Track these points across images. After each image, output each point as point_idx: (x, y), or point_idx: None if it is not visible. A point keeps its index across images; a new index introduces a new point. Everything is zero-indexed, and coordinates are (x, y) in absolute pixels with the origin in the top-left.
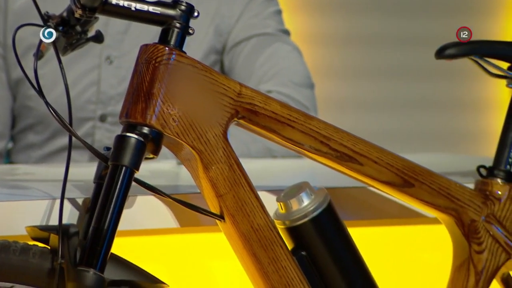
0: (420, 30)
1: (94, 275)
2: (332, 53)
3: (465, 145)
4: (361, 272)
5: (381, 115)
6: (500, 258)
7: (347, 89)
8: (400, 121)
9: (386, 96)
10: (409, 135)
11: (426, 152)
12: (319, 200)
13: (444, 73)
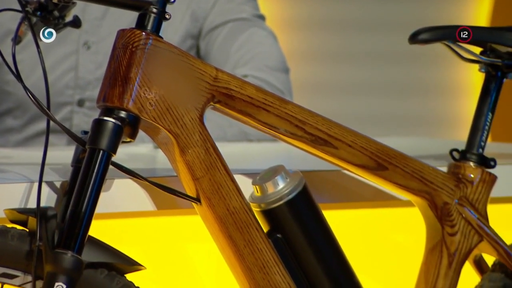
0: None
1: (72, 257)
2: (307, 38)
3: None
4: (336, 254)
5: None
6: (472, 240)
7: (322, 73)
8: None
9: (360, 81)
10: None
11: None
12: (294, 183)
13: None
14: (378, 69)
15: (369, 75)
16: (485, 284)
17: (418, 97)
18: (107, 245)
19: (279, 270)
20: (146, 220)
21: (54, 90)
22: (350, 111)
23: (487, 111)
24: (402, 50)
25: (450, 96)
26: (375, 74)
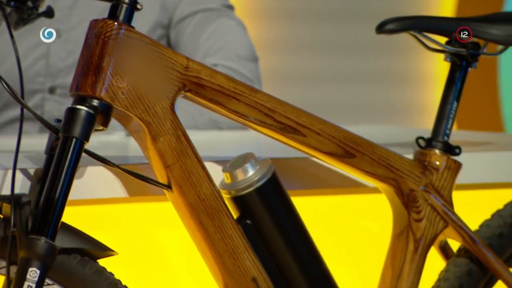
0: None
1: (46, 243)
2: (275, 27)
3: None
4: (304, 240)
5: (323, 88)
6: (438, 226)
7: (290, 62)
8: (341, 93)
9: (328, 70)
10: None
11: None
12: (264, 170)
13: (385, 47)
14: (346, 59)
15: (337, 64)
16: (450, 269)
17: (385, 86)
18: (80, 231)
19: (249, 255)
20: (118, 207)
21: (26, 78)
22: (318, 99)
23: (452, 99)
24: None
25: (416, 85)
26: (343, 63)
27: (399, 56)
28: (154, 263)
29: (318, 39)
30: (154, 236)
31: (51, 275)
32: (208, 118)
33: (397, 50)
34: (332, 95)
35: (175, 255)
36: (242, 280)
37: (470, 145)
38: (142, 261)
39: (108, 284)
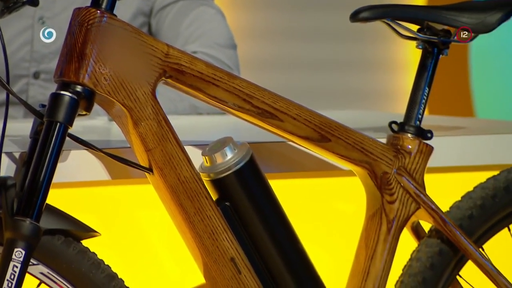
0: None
1: (31, 224)
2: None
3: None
4: (281, 221)
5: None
6: (410, 207)
7: (268, 50)
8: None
9: (304, 57)
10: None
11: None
12: (242, 154)
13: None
14: (321, 46)
15: (313, 51)
16: (422, 249)
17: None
18: (64, 212)
19: (227, 236)
20: (101, 189)
21: (11, 63)
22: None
23: (424, 85)
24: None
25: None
26: (318, 50)
27: (373, 44)
28: (135, 244)
29: (294, 27)
30: (136, 217)
31: (36, 255)
32: (188, 104)
33: (371, 37)
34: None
35: (156, 235)
36: (220, 260)
37: (442, 129)
38: (124, 241)
39: (91, 264)
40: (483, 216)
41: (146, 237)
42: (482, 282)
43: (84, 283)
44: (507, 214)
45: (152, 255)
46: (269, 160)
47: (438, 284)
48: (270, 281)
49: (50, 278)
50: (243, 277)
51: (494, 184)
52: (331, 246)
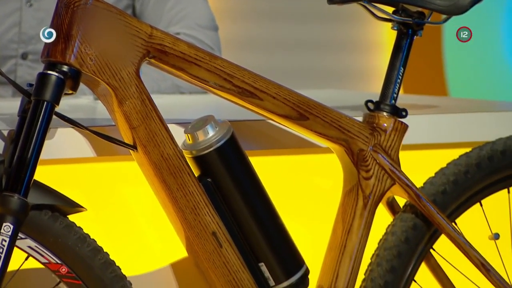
0: None
1: (18, 199)
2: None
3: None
4: (261, 196)
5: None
6: (385, 183)
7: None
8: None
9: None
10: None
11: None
12: (223, 131)
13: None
14: (299, 27)
15: (291, 32)
16: (397, 223)
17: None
18: (51, 188)
19: (209, 211)
20: (87, 166)
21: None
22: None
23: (399, 65)
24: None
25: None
26: (297, 31)
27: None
28: (120, 219)
29: (273, 9)
30: (120, 193)
31: (23, 229)
32: (171, 83)
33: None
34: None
35: (140, 211)
36: (202, 234)
37: (416, 108)
38: (109, 216)
39: (77, 238)
40: (455, 192)
41: (130, 212)
42: (455, 256)
43: (70, 256)
44: (479, 189)
45: (136, 230)
46: (249, 138)
47: (412, 258)
48: (250, 254)
49: (38, 252)
50: (224, 250)
51: (467, 161)
52: (309, 221)
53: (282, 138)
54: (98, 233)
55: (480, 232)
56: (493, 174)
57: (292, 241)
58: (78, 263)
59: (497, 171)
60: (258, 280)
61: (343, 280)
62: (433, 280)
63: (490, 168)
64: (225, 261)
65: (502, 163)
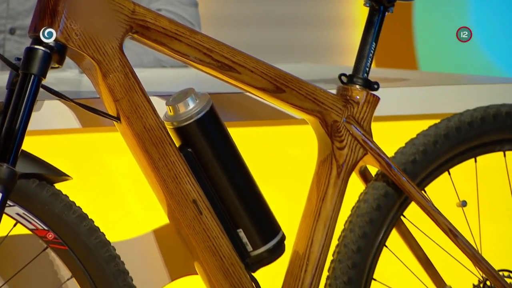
0: None
1: (7, 169)
2: None
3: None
4: (239, 166)
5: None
6: (358, 153)
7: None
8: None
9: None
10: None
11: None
12: (203, 104)
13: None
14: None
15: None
16: (369, 191)
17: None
18: (38, 158)
19: (189, 180)
20: (73, 136)
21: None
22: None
23: (371, 40)
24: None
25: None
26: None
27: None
28: (104, 187)
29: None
30: (105, 162)
31: (12, 197)
32: (153, 57)
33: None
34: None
35: (123, 179)
36: (183, 202)
37: (387, 81)
38: (94, 185)
39: (63, 206)
40: (425, 161)
41: (114, 181)
42: (424, 222)
43: (57, 223)
44: (447, 159)
45: (120, 197)
46: (228, 110)
47: (383, 224)
48: (229, 221)
49: (26, 219)
50: (204, 217)
51: (435, 132)
52: (285, 189)
53: (260, 110)
54: (83, 201)
55: (448, 199)
56: (461, 144)
57: (269, 209)
58: (64, 229)
59: (464, 141)
60: (237, 245)
61: (317, 245)
62: (403, 246)
63: (457, 138)
64: (205, 227)
65: (469, 134)
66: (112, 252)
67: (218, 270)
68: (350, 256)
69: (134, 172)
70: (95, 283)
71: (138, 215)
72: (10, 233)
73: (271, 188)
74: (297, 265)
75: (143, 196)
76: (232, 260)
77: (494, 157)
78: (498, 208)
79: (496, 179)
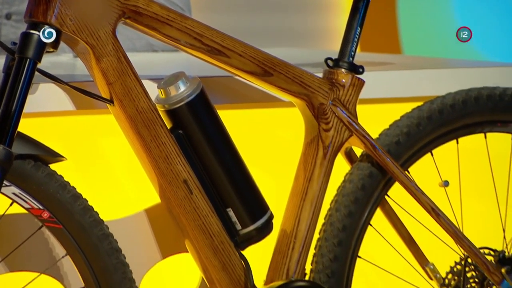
0: None
1: (4, 150)
2: None
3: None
4: (228, 147)
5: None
6: (344, 135)
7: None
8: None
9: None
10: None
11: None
12: (193, 87)
13: None
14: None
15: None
16: (354, 172)
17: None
18: (34, 139)
19: (180, 160)
20: (67, 119)
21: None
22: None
23: (356, 26)
24: None
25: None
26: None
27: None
28: (98, 168)
29: None
30: (98, 144)
31: (8, 177)
32: (145, 42)
33: None
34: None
35: (116, 160)
36: (174, 182)
37: (372, 65)
38: (88, 165)
39: (58, 185)
40: (408, 142)
41: (107, 162)
42: (408, 201)
43: (52, 202)
44: (430, 140)
45: (113, 178)
46: (217, 93)
47: (368, 203)
48: (218, 200)
49: (22, 198)
50: (194, 197)
51: (419, 114)
52: (272, 170)
53: (248, 93)
54: (78, 181)
55: (431, 180)
56: (443, 126)
57: (257, 188)
58: (59, 208)
59: (446, 123)
60: (226, 224)
61: (304, 224)
62: (387, 224)
63: (440, 120)
64: (195, 206)
65: (451, 116)
66: (105, 231)
67: (208, 248)
68: (336, 234)
69: (127, 153)
70: (89, 260)
71: (130, 195)
72: (6, 212)
73: (259, 168)
74: (285, 243)
75: (136, 176)
76: (221, 238)
77: (475, 138)
78: (479, 188)
79: (477, 160)
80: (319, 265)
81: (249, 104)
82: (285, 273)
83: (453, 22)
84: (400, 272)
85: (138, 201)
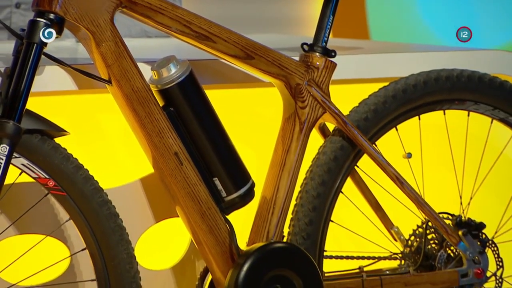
0: None
1: (13, 125)
2: None
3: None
4: (215, 122)
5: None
6: (318, 112)
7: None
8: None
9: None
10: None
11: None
12: (183, 69)
13: None
14: None
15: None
16: (327, 145)
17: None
18: (41, 116)
19: (171, 135)
20: (70, 97)
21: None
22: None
23: (329, 14)
24: None
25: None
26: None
27: None
28: (98, 141)
29: None
30: (98, 120)
31: (17, 150)
32: (139, 29)
33: None
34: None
35: (114, 135)
36: (166, 154)
37: (343, 49)
38: (89, 139)
39: (62, 157)
40: (375, 118)
41: (106, 136)
42: (375, 172)
43: (57, 172)
44: (395, 116)
45: (111, 151)
46: (205, 74)
47: (340, 173)
48: (206, 171)
49: (29, 168)
50: (184, 167)
51: (385, 93)
52: (254, 143)
53: (232, 74)
54: (80, 153)
55: (396, 152)
56: (406, 104)
57: (240, 159)
58: (63, 178)
59: (409, 101)
60: (213, 192)
61: (282, 191)
62: (357, 192)
63: (404, 99)
64: (185, 176)
65: (414, 95)
66: (104, 198)
67: (196, 213)
68: (311, 201)
69: (123, 128)
70: (90, 224)
71: (127, 166)
72: (16, 181)
73: (242, 142)
74: (265, 209)
75: (132, 149)
76: (208, 204)
77: (435, 115)
78: (439, 159)
79: (437, 135)
80: (296, 228)
81: (233, 85)
82: (266, 236)
83: (415, 9)
84: (368, 235)
85: (134, 171)
